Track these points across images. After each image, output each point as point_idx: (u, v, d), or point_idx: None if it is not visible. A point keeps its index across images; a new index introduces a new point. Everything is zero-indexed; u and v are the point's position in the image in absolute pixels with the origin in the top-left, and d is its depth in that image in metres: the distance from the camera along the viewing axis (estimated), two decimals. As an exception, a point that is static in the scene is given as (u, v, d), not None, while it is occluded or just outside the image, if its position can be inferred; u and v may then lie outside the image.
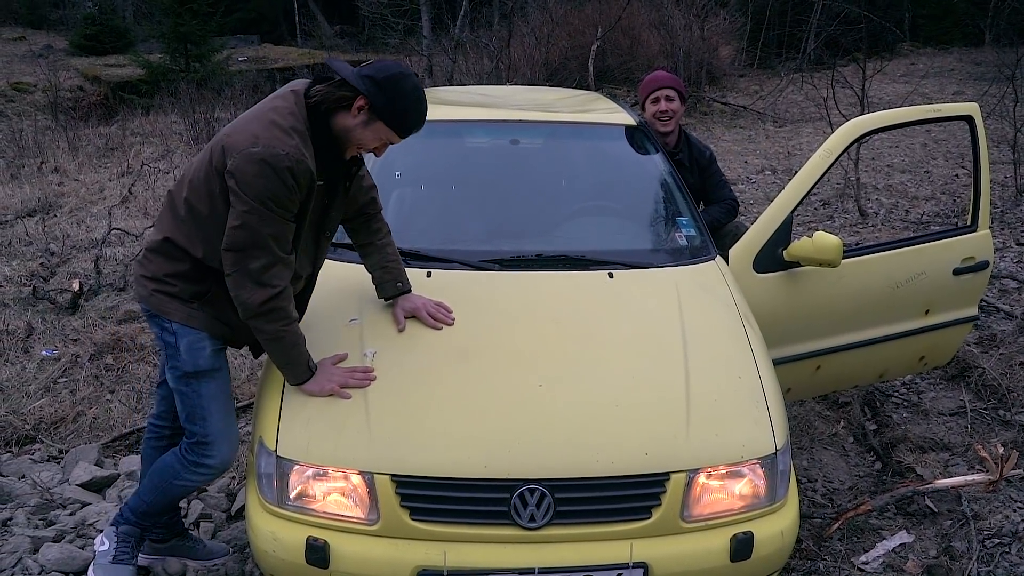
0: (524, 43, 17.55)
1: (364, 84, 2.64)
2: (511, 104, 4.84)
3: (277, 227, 2.62)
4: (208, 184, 2.68)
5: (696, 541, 2.58)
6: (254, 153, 2.53)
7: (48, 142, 13.52)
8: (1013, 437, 4.42)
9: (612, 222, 3.92)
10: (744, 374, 2.87)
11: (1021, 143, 9.50)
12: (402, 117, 2.71)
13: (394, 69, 2.69)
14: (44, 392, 5.14)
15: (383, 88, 2.65)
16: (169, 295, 2.81)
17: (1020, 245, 7.81)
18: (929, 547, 3.64)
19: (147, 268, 2.85)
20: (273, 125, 2.60)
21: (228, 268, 2.66)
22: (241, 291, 2.66)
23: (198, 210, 2.72)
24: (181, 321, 2.80)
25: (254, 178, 2.53)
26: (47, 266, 7.54)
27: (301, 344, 2.76)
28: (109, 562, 3.05)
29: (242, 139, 2.57)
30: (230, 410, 3.03)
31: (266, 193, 2.55)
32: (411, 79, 2.71)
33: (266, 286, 2.64)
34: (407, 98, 2.70)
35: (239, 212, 2.58)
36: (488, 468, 2.49)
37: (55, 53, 22.57)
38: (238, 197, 2.56)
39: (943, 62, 21.60)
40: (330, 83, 2.69)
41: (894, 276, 3.98)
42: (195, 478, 3.01)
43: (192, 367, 2.84)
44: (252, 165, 2.53)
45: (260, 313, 2.67)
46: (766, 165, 11.96)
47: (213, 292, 2.80)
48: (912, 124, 4.13)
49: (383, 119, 2.69)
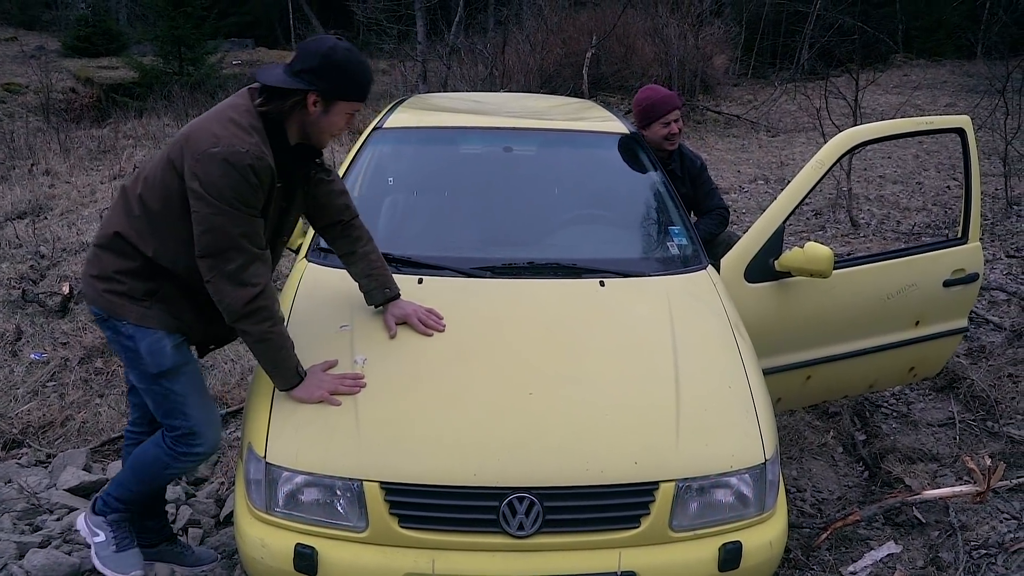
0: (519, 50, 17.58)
1: (307, 81, 2.62)
2: (504, 111, 4.84)
3: (247, 225, 2.61)
4: (165, 182, 2.67)
5: (684, 550, 2.57)
6: (215, 153, 2.52)
7: (39, 144, 13.46)
8: (1001, 448, 4.43)
9: (604, 230, 3.92)
10: (734, 384, 2.87)
11: (1012, 156, 9.54)
12: (355, 86, 2.69)
13: (323, 49, 2.63)
14: (32, 396, 5.12)
15: (324, 75, 2.62)
16: (119, 294, 2.77)
17: (1010, 257, 7.84)
18: (916, 558, 3.65)
19: (96, 266, 2.82)
20: (232, 123, 2.59)
21: (206, 274, 2.64)
22: (223, 295, 2.65)
23: (152, 207, 2.71)
24: (135, 322, 2.77)
25: (218, 178, 2.52)
26: (37, 269, 7.51)
27: (289, 348, 2.75)
28: (114, 551, 3.08)
29: (202, 139, 2.56)
30: (206, 396, 3.03)
31: (231, 192, 2.54)
32: (339, 49, 2.65)
33: (247, 285, 2.63)
34: (348, 66, 2.65)
35: (206, 215, 2.56)
36: (478, 476, 2.49)
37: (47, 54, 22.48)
38: (203, 200, 2.55)
39: (936, 74, 21.70)
40: (274, 95, 2.65)
41: (885, 287, 3.99)
42: (185, 465, 3.03)
43: (157, 368, 2.83)
44: (214, 165, 2.52)
45: (245, 314, 2.65)
46: (759, 174, 11.98)
47: (164, 289, 2.79)
48: (904, 136, 4.14)
49: (340, 98, 2.67)
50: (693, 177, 4.67)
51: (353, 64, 2.67)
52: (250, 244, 2.63)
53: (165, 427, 2.96)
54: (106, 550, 3.08)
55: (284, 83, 2.63)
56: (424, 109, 4.82)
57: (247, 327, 2.69)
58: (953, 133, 4.14)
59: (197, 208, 2.57)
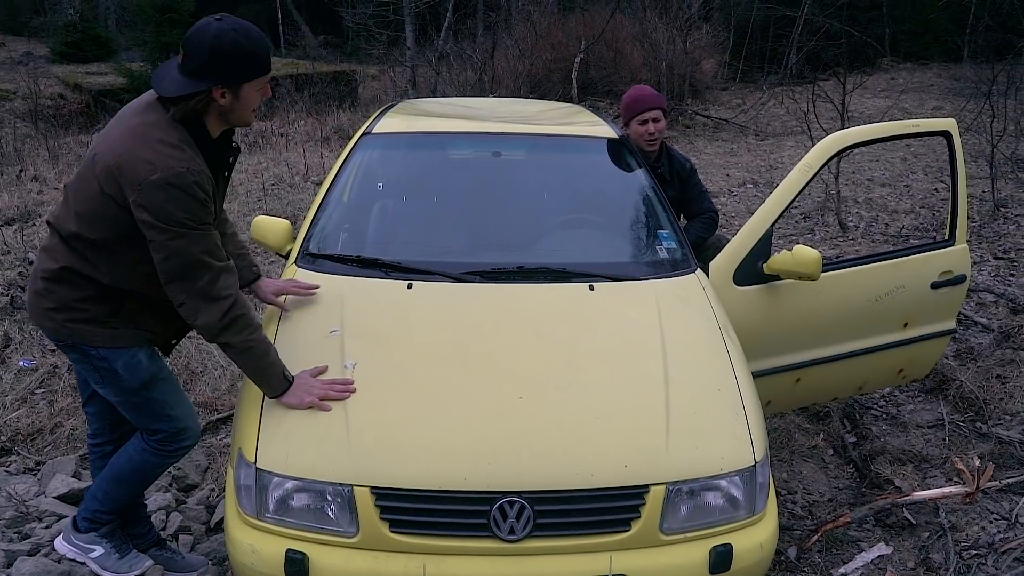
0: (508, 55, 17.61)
1: (207, 77, 2.53)
2: (494, 116, 4.85)
3: (205, 241, 2.59)
4: (105, 214, 2.62)
5: (675, 553, 2.58)
6: (156, 180, 2.47)
7: (28, 150, 13.43)
8: (990, 449, 4.45)
9: (593, 235, 3.92)
10: (724, 387, 2.88)
11: (998, 158, 9.59)
12: (255, 65, 2.59)
13: (207, 40, 2.50)
14: (21, 403, 5.10)
15: (220, 65, 2.52)
16: (84, 321, 2.75)
17: (997, 259, 7.88)
18: (907, 559, 3.66)
19: (49, 299, 2.75)
20: (160, 143, 2.53)
21: (178, 298, 2.63)
22: (198, 315, 2.64)
23: (95, 239, 2.67)
24: (106, 344, 2.76)
25: (165, 203, 2.48)
26: (25, 275, 7.48)
27: (273, 354, 2.75)
28: (118, 558, 3.13)
29: (137, 169, 2.49)
30: (181, 392, 3.06)
31: (183, 215, 2.51)
32: (225, 33, 2.50)
33: (219, 299, 2.63)
34: (241, 50, 2.53)
35: (162, 242, 2.53)
36: (468, 480, 2.49)
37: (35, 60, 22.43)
38: (156, 228, 2.51)
39: (922, 77, 21.80)
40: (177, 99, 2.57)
41: (873, 290, 4.00)
42: (176, 460, 3.09)
43: (138, 382, 2.84)
44: (158, 192, 2.47)
45: (223, 326, 2.65)
46: (748, 178, 12.02)
47: (126, 306, 2.78)
48: (892, 139, 4.16)
49: (245, 80, 2.58)
50: (682, 180, 4.69)
51: (243, 44, 2.53)
52: (212, 259, 2.62)
53: (146, 431, 2.97)
54: (110, 559, 3.13)
55: (185, 88, 2.55)
56: (413, 114, 4.82)
57: (229, 339, 2.68)
58: (940, 136, 4.16)
59: (153, 237, 2.54)
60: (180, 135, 2.58)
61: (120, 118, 2.71)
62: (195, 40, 2.52)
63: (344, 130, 14.54)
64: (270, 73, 2.66)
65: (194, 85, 2.54)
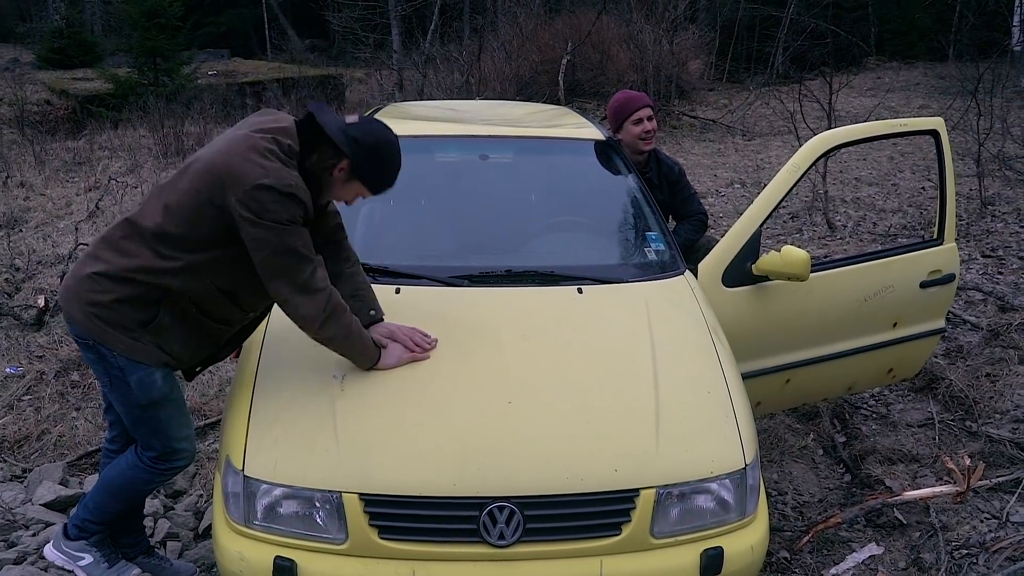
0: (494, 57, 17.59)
1: (352, 148, 2.69)
2: (481, 119, 4.84)
3: (302, 237, 2.68)
4: (197, 214, 2.67)
5: (666, 557, 2.57)
6: (266, 184, 2.57)
7: (14, 156, 13.35)
8: (980, 448, 4.45)
9: (581, 237, 3.92)
10: (713, 389, 2.87)
11: (985, 156, 9.62)
12: (381, 182, 2.83)
13: (382, 134, 2.77)
14: (8, 410, 5.07)
15: (370, 155, 2.72)
16: (110, 323, 2.74)
17: (986, 257, 7.90)
18: (898, 559, 3.66)
19: (94, 292, 2.74)
20: (273, 156, 2.64)
21: (281, 295, 2.71)
22: (302, 308, 2.71)
23: (176, 236, 2.70)
24: (123, 353, 2.75)
25: (271, 204, 2.58)
26: (12, 282, 7.45)
27: (363, 329, 2.86)
28: (107, 567, 3.11)
29: (249, 172, 2.58)
30: (187, 414, 3.06)
31: (286, 214, 2.60)
32: (395, 145, 2.79)
33: (319, 291, 2.72)
34: (390, 165, 2.79)
35: (265, 239, 2.61)
36: (457, 486, 2.48)
37: (22, 66, 22.31)
38: (260, 227, 2.59)
39: (908, 76, 21.86)
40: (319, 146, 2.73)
41: (862, 289, 4.00)
42: (166, 479, 3.11)
43: (146, 399, 2.83)
44: (266, 194, 2.57)
45: (328, 317, 2.72)
46: (735, 178, 12.03)
47: (159, 319, 2.76)
48: (879, 138, 4.17)
49: (362, 180, 2.78)
50: (671, 183, 4.69)
51: (393, 164, 2.82)
52: (310, 252, 2.71)
53: (142, 445, 2.96)
54: (98, 568, 3.11)
55: (333, 133, 2.69)
56: (400, 117, 4.80)
57: (333, 330, 2.76)
58: (927, 135, 4.17)
59: (256, 235, 2.61)
60: (291, 160, 2.70)
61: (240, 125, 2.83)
62: (375, 128, 2.78)
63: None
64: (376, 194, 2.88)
65: (342, 142, 2.69)
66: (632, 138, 4.57)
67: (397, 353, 2.88)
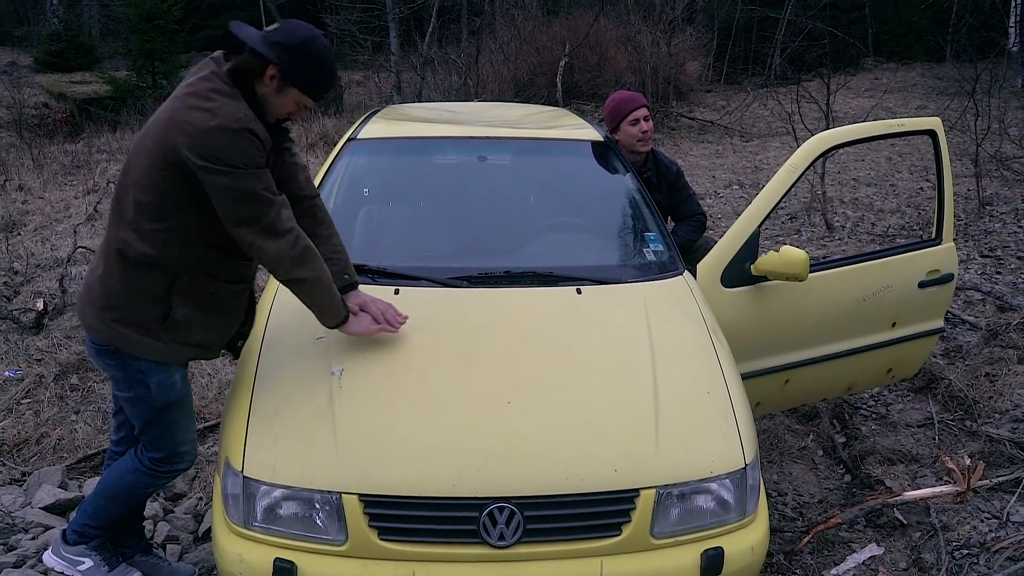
0: (492, 59, 17.60)
1: (274, 52, 2.61)
2: (478, 121, 4.84)
3: (264, 178, 2.63)
4: (159, 175, 2.62)
5: (666, 557, 2.57)
6: (215, 126, 2.52)
7: (12, 159, 13.35)
8: (980, 448, 4.45)
9: (580, 238, 3.92)
10: (713, 389, 2.87)
11: (983, 156, 9.63)
12: (315, 81, 2.70)
13: (303, 32, 2.66)
14: (7, 413, 5.06)
15: (294, 54, 2.62)
16: (130, 324, 2.73)
17: (984, 257, 7.90)
18: (899, 559, 3.66)
19: (103, 295, 2.74)
20: (217, 94, 2.58)
21: (246, 239, 2.66)
22: (269, 251, 2.67)
23: (148, 202, 2.66)
24: (145, 356, 2.75)
25: (225, 146, 2.53)
26: (11, 285, 7.44)
27: (333, 282, 2.83)
28: (107, 571, 3.11)
29: (195, 118, 2.53)
30: (193, 419, 3.06)
31: (242, 156, 2.55)
32: (320, 39, 2.68)
33: (286, 232, 2.68)
34: (319, 60, 2.67)
35: (225, 185, 2.56)
36: (457, 486, 2.48)
37: (19, 70, 22.31)
38: (217, 172, 2.54)
39: (906, 77, 21.89)
40: (242, 53, 2.65)
41: (861, 290, 4.00)
42: (167, 481, 3.10)
43: (164, 402, 2.84)
44: (218, 136, 2.52)
45: (296, 258, 2.70)
46: (733, 179, 12.04)
47: (177, 312, 2.75)
48: (877, 139, 4.17)
49: (296, 85, 2.68)
50: (669, 184, 4.69)
51: (325, 61, 2.68)
52: (272, 194, 2.66)
53: (148, 447, 2.95)
54: (99, 572, 3.10)
55: (255, 44, 2.62)
56: (398, 120, 4.81)
57: (302, 273, 2.73)
58: (925, 135, 4.17)
59: (214, 182, 2.56)
60: (235, 92, 2.62)
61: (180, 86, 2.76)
62: (295, 27, 2.67)
63: (329, 136, 14.49)
64: (312, 103, 2.76)
65: (263, 48, 2.60)
66: (629, 138, 4.58)
67: (365, 323, 2.87)
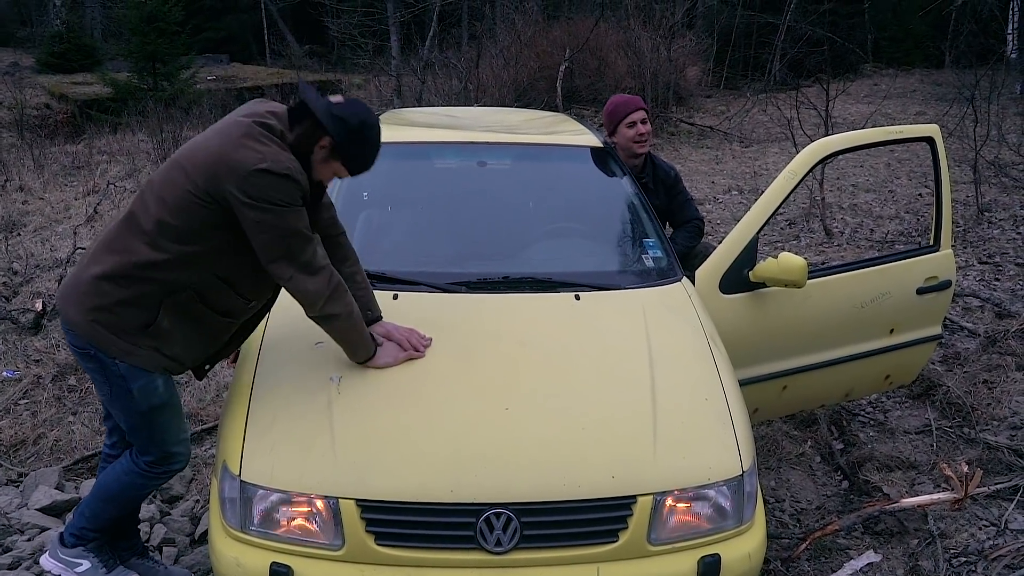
0: (493, 64, 17.59)
1: (334, 126, 2.69)
2: (479, 126, 4.84)
3: (301, 218, 2.69)
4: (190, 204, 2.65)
5: (663, 564, 2.57)
6: (263, 168, 2.58)
7: (13, 160, 13.36)
8: (978, 455, 4.45)
9: (578, 244, 3.92)
10: (711, 396, 2.87)
11: (981, 163, 9.64)
12: (360, 163, 2.83)
13: (364, 116, 2.76)
14: (4, 414, 5.06)
15: (352, 134, 2.72)
16: (110, 327, 2.72)
17: (982, 264, 7.91)
18: (897, 566, 3.65)
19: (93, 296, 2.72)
20: (268, 140, 2.66)
21: (284, 275, 2.72)
22: (306, 287, 2.73)
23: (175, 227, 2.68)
24: (120, 359, 2.74)
25: (269, 187, 2.59)
26: (10, 285, 7.44)
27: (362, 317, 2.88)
28: (105, 573, 3.11)
29: (245, 157, 2.59)
30: (183, 419, 3.06)
31: (284, 197, 2.62)
32: (376, 128, 2.80)
33: (321, 269, 2.75)
34: (370, 147, 2.81)
35: (262, 222, 2.62)
36: (454, 492, 2.47)
37: (21, 70, 22.32)
38: (259, 210, 2.60)
39: (905, 83, 21.88)
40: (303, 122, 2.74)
41: (859, 296, 4.01)
42: (162, 482, 3.11)
43: (147, 406, 2.84)
44: (264, 177, 2.58)
45: (331, 296, 2.76)
46: (733, 185, 12.03)
47: (160, 323, 2.75)
48: (875, 145, 4.17)
49: (341, 160, 2.78)
50: (667, 189, 4.69)
51: (372, 148, 2.82)
52: (309, 232, 2.73)
53: (140, 450, 2.96)
54: (96, 574, 3.11)
55: (318, 111, 2.69)
56: (398, 124, 4.81)
57: (336, 308, 2.78)
58: (923, 142, 4.17)
59: (256, 218, 2.62)
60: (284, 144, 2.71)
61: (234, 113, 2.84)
62: (359, 109, 2.78)
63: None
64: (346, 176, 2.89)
65: (325, 120, 2.69)
66: (626, 141, 4.59)
67: (393, 352, 2.91)
